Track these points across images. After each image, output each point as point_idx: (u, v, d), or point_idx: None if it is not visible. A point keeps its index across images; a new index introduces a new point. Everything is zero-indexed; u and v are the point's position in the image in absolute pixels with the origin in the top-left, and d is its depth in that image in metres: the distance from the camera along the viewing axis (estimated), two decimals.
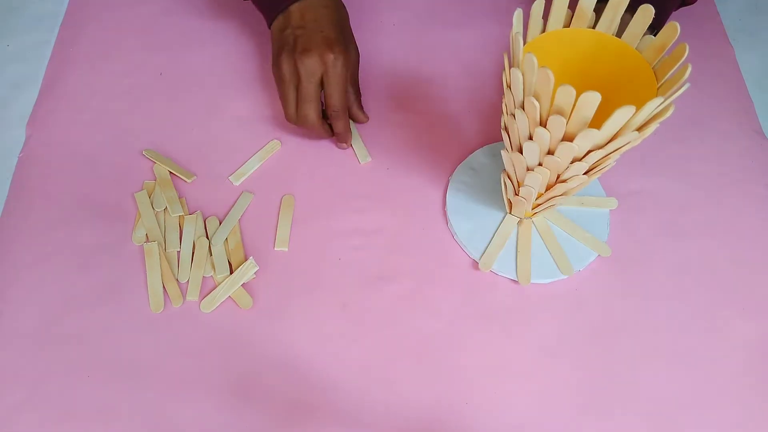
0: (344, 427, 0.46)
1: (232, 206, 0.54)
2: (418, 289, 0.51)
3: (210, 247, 0.52)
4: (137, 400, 0.46)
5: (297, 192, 0.55)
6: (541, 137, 0.39)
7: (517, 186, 0.48)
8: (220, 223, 0.53)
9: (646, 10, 0.39)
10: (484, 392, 0.47)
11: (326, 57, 0.51)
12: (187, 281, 0.51)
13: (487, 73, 0.62)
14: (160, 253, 0.51)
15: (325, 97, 0.53)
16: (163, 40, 0.64)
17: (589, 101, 0.34)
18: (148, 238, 0.52)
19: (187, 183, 0.55)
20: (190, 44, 0.64)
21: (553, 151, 0.40)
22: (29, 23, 0.78)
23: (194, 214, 0.53)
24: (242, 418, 0.46)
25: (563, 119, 0.36)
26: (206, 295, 0.50)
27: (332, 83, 0.52)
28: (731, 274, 0.52)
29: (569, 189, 0.44)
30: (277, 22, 0.54)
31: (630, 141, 0.38)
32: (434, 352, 0.48)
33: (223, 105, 0.60)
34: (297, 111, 0.53)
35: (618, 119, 0.35)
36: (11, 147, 0.60)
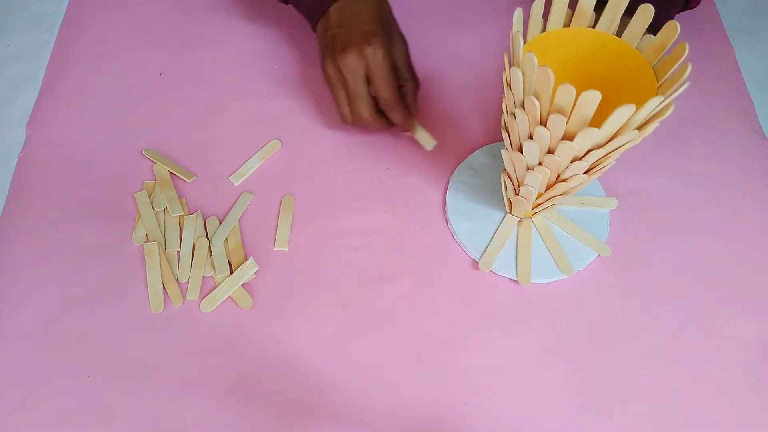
0: (344, 427, 0.45)
1: (232, 206, 0.54)
2: (418, 289, 0.51)
3: (210, 247, 0.52)
4: (137, 400, 0.46)
5: (297, 192, 0.55)
6: (541, 136, 0.39)
7: (517, 185, 0.48)
8: (220, 223, 0.53)
9: (646, 10, 0.39)
10: (484, 392, 0.47)
11: (365, 51, 0.50)
12: (187, 281, 0.51)
13: (487, 72, 0.62)
14: (160, 253, 0.51)
15: (376, 91, 0.52)
16: (163, 40, 0.64)
17: (589, 100, 0.34)
18: (148, 238, 0.52)
19: (187, 183, 0.55)
20: (190, 44, 0.64)
21: (554, 151, 0.40)
22: (29, 23, 0.78)
23: (194, 214, 0.53)
24: (242, 418, 0.46)
25: (563, 118, 0.36)
26: (206, 295, 0.50)
27: (377, 76, 0.50)
28: (731, 274, 0.52)
29: (569, 188, 0.44)
30: (320, 25, 0.54)
31: (630, 140, 0.38)
32: (434, 352, 0.48)
33: (223, 105, 0.60)
34: (350, 111, 0.53)
35: (618, 118, 0.35)
36: (11, 147, 0.60)
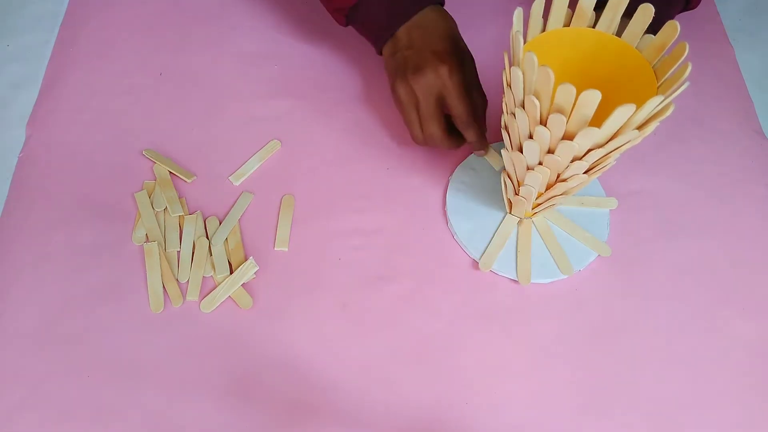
0: (344, 427, 0.45)
1: (232, 206, 0.54)
2: (418, 289, 0.51)
3: (210, 247, 0.52)
4: (137, 400, 0.46)
5: (297, 192, 0.55)
6: (541, 136, 0.39)
7: (517, 185, 0.48)
8: (220, 223, 0.53)
9: (646, 10, 0.39)
10: (484, 392, 0.47)
11: (440, 71, 0.49)
12: (187, 281, 0.51)
13: (487, 72, 0.62)
14: (160, 253, 0.51)
15: (451, 110, 0.51)
16: (163, 40, 0.64)
17: (590, 100, 0.34)
18: (148, 238, 0.52)
19: (187, 183, 0.55)
20: (190, 44, 0.64)
21: (554, 150, 0.40)
22: (29, 23, 0.78)
23: (194, 214, 0.53)
24: (242, 418, 0.46)
25: (563, 118, 0.36)
26: (206, 295, 0.50)
27: (453, 95, 0.50)
28: (731, 274, 0.52)
29: (569, 188, 0.44)
30: (387, 48, 0.53)
31: (630, 140, 0.38)
32: (434, 352, 0.48)
33: (223, 105, 0.60)
34: (423, 131, 0.52)
35: (618, 117, 0.35)
36: (11, 147, 0.60)
